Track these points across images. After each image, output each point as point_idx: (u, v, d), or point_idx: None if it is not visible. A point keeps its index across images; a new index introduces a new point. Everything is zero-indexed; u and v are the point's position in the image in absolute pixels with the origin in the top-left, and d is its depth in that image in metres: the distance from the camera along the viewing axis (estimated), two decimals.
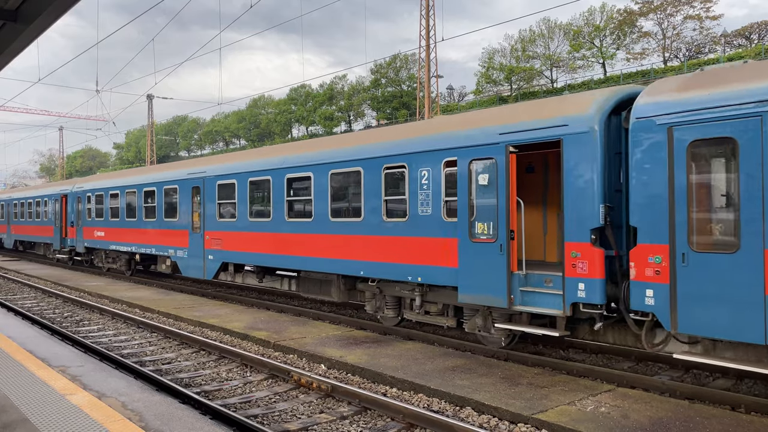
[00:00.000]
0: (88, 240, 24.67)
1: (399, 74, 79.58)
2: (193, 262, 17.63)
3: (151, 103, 77.38)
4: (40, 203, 30.34)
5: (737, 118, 7.08)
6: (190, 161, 20.24)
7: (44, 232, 29.72)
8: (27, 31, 8.93)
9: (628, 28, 63.05)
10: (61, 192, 27.70)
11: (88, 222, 24.55)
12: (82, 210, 25.15)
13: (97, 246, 24.08)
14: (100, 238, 23.53)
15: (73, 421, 5.80)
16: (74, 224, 25.68)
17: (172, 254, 18.62)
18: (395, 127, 13.67)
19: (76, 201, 25.71)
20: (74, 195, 26.02)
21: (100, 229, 23.47)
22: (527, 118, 9.52)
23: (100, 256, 24.87)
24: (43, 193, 30.52)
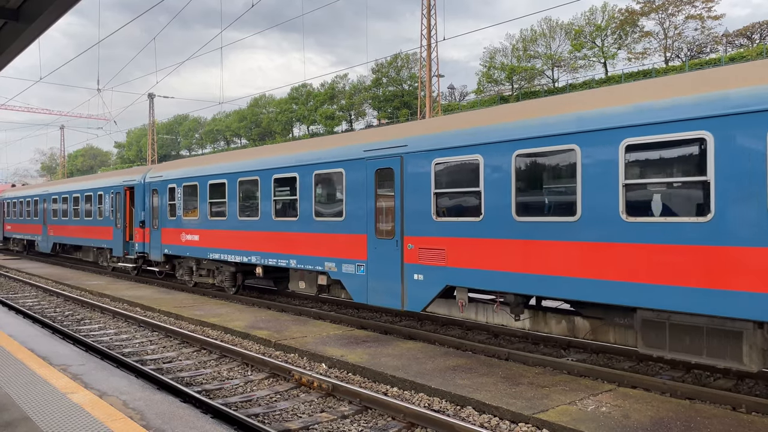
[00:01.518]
0: (170, 245, 18.92)
1: (400, 73, 79.60)
2: (380, 283, 11.46)
3: (152, 102, 77.43)
4: (92, 198, 24.78)
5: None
6: (353, 134, 14.22)
7: (98, 233, 24.14)
8: (28, 30, 8.94)
9: (630, 28, 63.00)
10: (124, 183, 22.03)
11: (170, 222, 18.84)
12: (160, 206, 19.46)
13: (184, 254, 18.30)
14: (191, 244, 17.82)
15: (75, 420, 5.81)
16: (145, 224, 20.23)
17: (332, 268, 12.62)
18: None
19: (151, 194, 20.15)
20: (148, 187, 20.33)
21: (191, 231, 17.77)
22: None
23: (186, 266, 18.85)
24: (97, 186, 24.71)
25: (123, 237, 22.04)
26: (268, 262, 14.65)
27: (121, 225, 22.09)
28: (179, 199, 18.41)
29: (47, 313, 15.64)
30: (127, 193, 21.91)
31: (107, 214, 23.31)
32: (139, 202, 20.76)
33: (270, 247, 14.49)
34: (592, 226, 8.20)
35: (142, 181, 20.73)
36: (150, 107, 78.22)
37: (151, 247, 20.11)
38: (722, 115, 7.02)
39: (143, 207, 20.48)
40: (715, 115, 7.07)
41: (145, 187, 20.56)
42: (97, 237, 24.46)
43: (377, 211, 11.56)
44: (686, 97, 7.44)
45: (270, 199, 14.49)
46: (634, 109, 7.89)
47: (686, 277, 7.27)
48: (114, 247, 22.97)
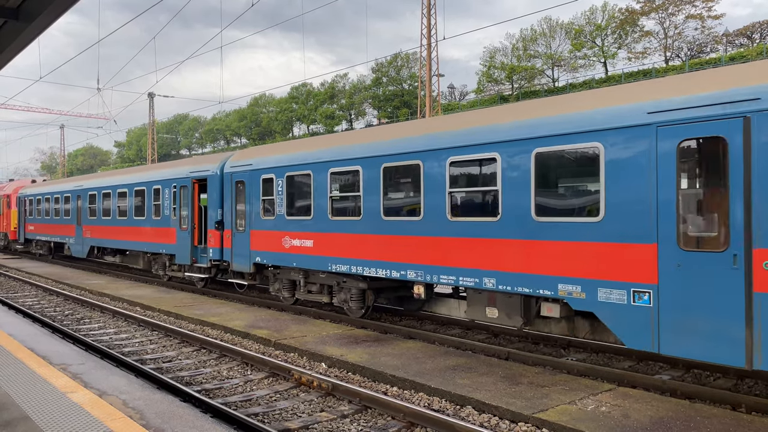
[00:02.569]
0: (265, 252, 14.72)
1: (400, 73, 79.61)
2: (692, 322, 7.34)
3: (152, 101, 77.42)
4: (145, 193, 20.49)
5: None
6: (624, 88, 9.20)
7: (153, 236, 19.92)
8: (28, 29, 8.94)
9: (630, 27, 62.98)
10: (192, 175, 17.91)
11: (265, 223, 14.74)
12: (249, 202, 15.34)
13: (288, 263, 14.02)
14: (299, 251, 13.63)
15: (74, 419, 5.81)
16: (224, 226, 16.31)
17: (574, 294, 8.52)
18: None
19: (233, 188, 15.94)
20: (229, 178, 16.13)
21: (300, 234, 13.58)
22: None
23: (286, 279, 14.64)
24: (152, 178, 20.23)
25: (190, 240, 17.69)
26: (440, 279, 10.45)
27: (188, 226, 17.75)
28: (280, 193, 14.16)
29: (47, 313, 15.64)
30: (196, 187, 17.79)
31: (167, 213, 18.94)
32: (214, 198, 16.62)
33: (442, 259, 10.36)
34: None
35: (219, 171, 16.67)
36: (150, 106, 78.26)
37: (234, 254, 15.81)
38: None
39: (220, 204, 16.46)
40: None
41: (224, 178, 16.37)
42: (152, 240, 20.01)
43: (681, 205, 7.48)
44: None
45: (442, 191, 10.32)
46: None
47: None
48: (178, 252, 18.47)
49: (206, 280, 18.22)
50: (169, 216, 18.88)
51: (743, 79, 7.21)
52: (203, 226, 17.71)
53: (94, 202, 24.48)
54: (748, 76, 7.25)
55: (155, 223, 19.76)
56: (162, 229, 19.36)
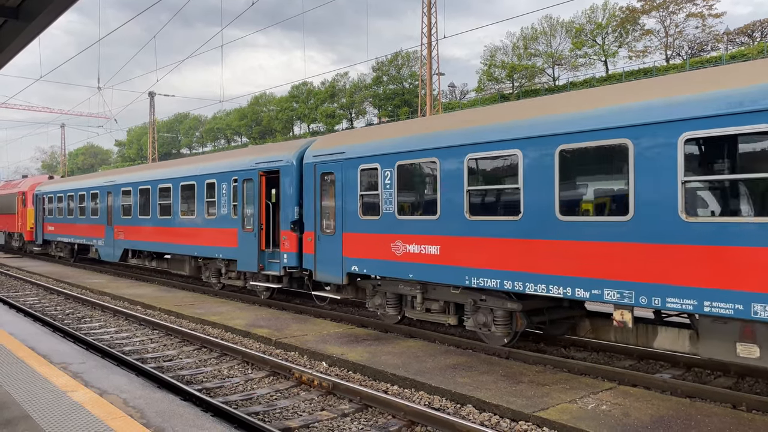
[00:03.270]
0: (364, 260, 12.02)
1: (401, 72, 79.58)
2: None
3: (152, 100, 77.40)
4: (195, 189, 17.69)
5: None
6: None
7: (207, 238, 17.07)
8: (28, 28, 8.95)
9: (631, 26, 62.93)
10: (259, 166, 15.06)
11: (363, 224, 11.98)
12: (341, 199, 12.51)
13: (400, 275, 11.25)
14: (417, 259, 10.87)
15: (75, 418, 5.81)
16: (303, 227, 13.59)
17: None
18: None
19: (318, 180, 13.12)
20: (311, 170, 13.33)
21: (418, 239, 10.86)
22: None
23: (392, 293, 12.02)
24: (206, 171, 17.38)
25: (257, 244, 14.90)
26: (665, 303, 7.62)
27: (254, 227, 15.02)
28: (388, 186, 11.43)
29: (48, 312, 15.65)
30: (263, 181, 15.06)
31: (225, 211, 16.26)
32: (290, 194, 14.05)
33: (667, 275, 7.56)
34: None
35: (295, 161, 13.99)
36: (150, 105, 78.21)
37: (318, 261, 13.09)
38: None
39: (296, 201, 13.88)
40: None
41: (304, 170, 13.59)
42: (204, 243, 17.25)
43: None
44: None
45: (671, 181, 7.49)
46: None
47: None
48: (240, 258, 15.59)
49: (272, 291, 15.73)
50: (228, 215, 16.13)
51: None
52: (272, 227, 15.11)
53: (128, 200, 21.53)
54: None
55: (209, 223, 17.05)
56: (218, 230, 16.55)
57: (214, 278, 17.78)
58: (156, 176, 20.14)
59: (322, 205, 13.13)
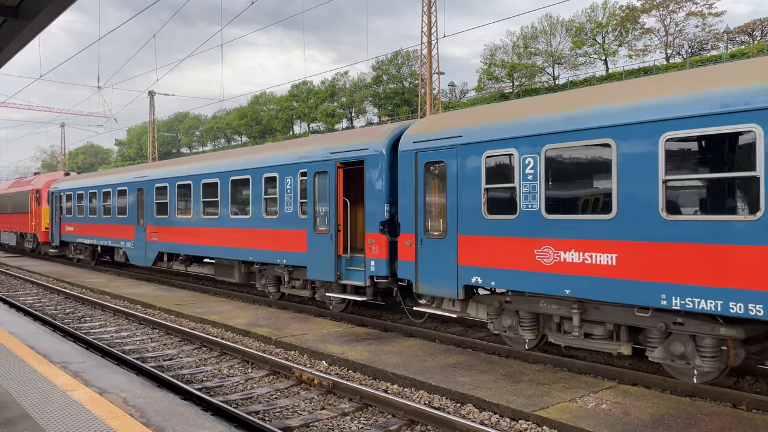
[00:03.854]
0: (491, 269, 9.77)
1: (401, 71, 79.56)
2: None
3: (152, 99, 77.38)
4: (250, 183, 15.44)
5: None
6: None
7: (269, 241, 14.75)
8: (28, 27, 8.95)
9: (631, 25, 62.88)
10: (335, 156, 12.91)
11: (491, 225, 9.75)
12: (458, 194, 10.28)
13: (539, 288, 9.15)
14: (573, 270, 8.66)
15: (75, 417, 5.81)
16: (399, 229, 11.45)
17: None
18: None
19: (420, 173, 10.97)
20: (412, 159, 11.12)
21: (579, 244, 8.60)
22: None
23: (525, 313, 9.72)
24: (263, 163, 15.13)
25: (334, 248, 12.72)
26: None
27: (330, 228, 12.81)
28: (531, 177, 9.11)
29: (48, 311, 15.65)
30: (341, 174, 12.90)
31: (290, 210, 14.04)
32: (378, 189, 11.89)
33: None
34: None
35: (385, 150, 11.87)
36: (150, 105, 78.18)
37: (421, 270, 10.83)
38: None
39: (387, 197, 11.78)
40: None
41: (400, 159, 11.38)
42: (262, 246, 14.98)
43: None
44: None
45: None
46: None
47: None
48: (312, 264, 13.34)
49: (347, 304, 13.42)
50: (294, 214, 13.92)
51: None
52: (350, 228, 13.01)
53: (164, 197, 19.23)
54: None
55: (268, 223, 14.77)
56: (280, 231, 14.30)
57: (272, 286, 15.41)
58: (199, 170, 17.76)
59: (426, 202, 10.85)
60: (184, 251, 18.62)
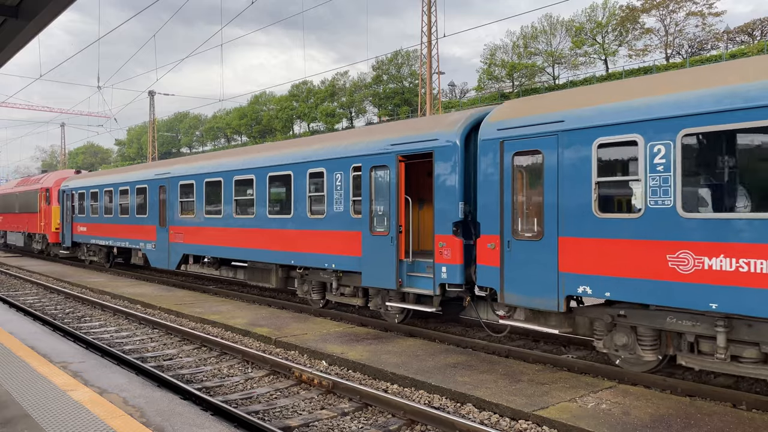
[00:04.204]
0: (603, 278, 8.26)
1: (401, 71, 79.60)
2: None
3: (152, 99, 77.38)
4: (292, 180, 13.98)
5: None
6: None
7: (315, 243, 13.32)
8: (28, 27, 8.95)
9: (631, 25, 62.90)
10: (397, 148, 11.46)
11: (606, 225, 8.25)
12: (554, 189, 8.88)
13: (674, 302, 7.59)
14: (745, 281, 6.93)
15: (75, 417, 5.81)
16: (475, 230, 10.22)
17: None
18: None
19: (507, 166, 9.52)
20: (497, 148, 9.64)
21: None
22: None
23: (645, 330, 8.22)
24: (308, 158, 13.63)
25: (395, 252, 11.23)
26: None
27: (390, 229, 11.38)
28: (662, 167, 7.71)
29: (48, 311, 15.65)
30: (402, 168, 11.49)
31: (341, 209, 12.64)
32: (450, 184, 10.47)
33: None
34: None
35: (459, 140, 10.38)
36: (150, 104, 78.19)
37: (507, 276, 9.41)
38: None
39: (462, 194, 10.40)
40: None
41: (480, 149, 9.90)
42: (309, 249, 13.51)
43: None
44: None
45: None
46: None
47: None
48: (368, 269, 11.90)
49: (407, 314, 12.03)
50: (345, 213, 12.54)
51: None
52: (413, 230, 11.79)
53: (190, 195, 17.89)
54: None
55: (313, 224, 13.39)
56: (329, 233, 12.94)
57: (316, 293, 13.91)
58: (230, 166, 16.22)
59: (515, 200, 9.39)
60: (213, 253, 17.10)
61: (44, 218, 29.55)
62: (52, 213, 28.63)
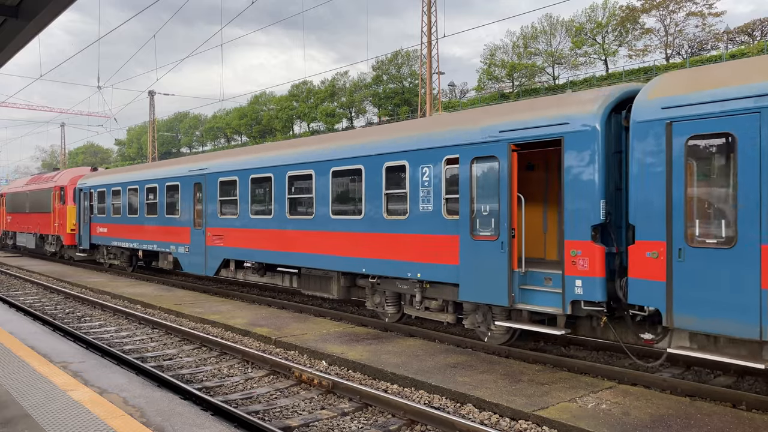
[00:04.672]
0: None
1: (401, 71, 79.59)
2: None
3: (152, 99, 77.34)
4: (367, 173, 12.07)
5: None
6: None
7: (393, 248, 11.50)
8: (28, 27, 8.95)
9: (631, 25, 62.90)
10: (507, 135, 9.56)
11: None
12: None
13: None
14: None
15: (75, 417, 5.81)
16: (626, 234, 8.66)
17: None
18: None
19: (672, 152, 7.63)
20: (663, 132, 7.74)
21: None
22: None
23: None
24: (381, 149, 11.88)
25: (506, 261, 9.37)
26: None
27: (499, 233, 9.47)
28: None
29: (48, 311, 15.65)
30: (515, 159, 9.48)
31: (430, 208, 10.75)
32: (585, 178, 8.67)
33: None
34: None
35: (599, 122, 8.60)
36: (150, 104, 78.13)
37: (679, 294, 7.58)
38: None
39: (600, 192, 8.57)
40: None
41: (633, 133, 8.14)
42: (386, 255, 11.62)
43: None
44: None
45: None
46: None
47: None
48: (468, 281, 9.98)
49: (513, 333, 10.12)
50: (436, 214, 10.63)
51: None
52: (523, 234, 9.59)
53: (232, 193, 16.15)
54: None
55: (392, 226, 11.50)
56: (413, 237, 11.06)
57: (391, 306, 12.17)
58: (283, 160, 14.41)
59: (689, 196, 7.59)
60: (260, 258, 15.20)
61: (59, 218, 27.77)
62: (67, 213, 26.99)
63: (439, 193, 10.65)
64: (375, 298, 12.52)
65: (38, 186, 30.75)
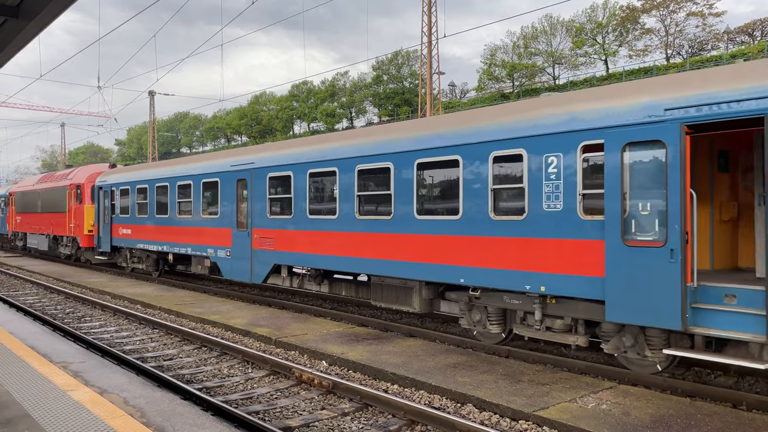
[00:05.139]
0: None
1: (401, 71, 79.62)
2: None
3: (152, 99, 77.34)
4: (465, 165, 10.09)
5: None
6: None
7: (497, 255, 9.62)
8: (28, 27, 8.96)
9: (631, 25, 62.90)
10: (676, 114, 7.47)
11: None
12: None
13: None
14: None
15: (75, 417, 5.81)
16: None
17: None
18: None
19: None
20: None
21: None
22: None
23: None
24: (490, 136, 9.74)
25: (678, 274, 7.43)
26: None
27: (670, 237, 7.51)
28: None
29: (48, 311, 15.65)
30: (688, 146, 7.53)
31: (558, 207, 8.83)
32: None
33: None
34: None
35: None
36: (150, 104, 78.13)
37: None
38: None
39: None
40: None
41: None
42: (492, 263, 9.76)
43: None
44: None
45: None
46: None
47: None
48: (618, 297, 8.01)
49: (672, 360, 8.31)
50: (567, 213, 8.72)
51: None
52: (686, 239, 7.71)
53: (285, 190, 14.26)
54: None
55: (502, 228, 9.60)
56: (532, 241, 9.16)
57: (495, 325, 10.24)
58: (349, 152, 12.59)
59: None
60: (321, 264, 13.34)
61: (75, 219, 25.69)
62: (84, 213, 24.94)
63: (572, 187, 8.61)
64: (474, 315, 10.53)
65: (52, 184, 28.82)
